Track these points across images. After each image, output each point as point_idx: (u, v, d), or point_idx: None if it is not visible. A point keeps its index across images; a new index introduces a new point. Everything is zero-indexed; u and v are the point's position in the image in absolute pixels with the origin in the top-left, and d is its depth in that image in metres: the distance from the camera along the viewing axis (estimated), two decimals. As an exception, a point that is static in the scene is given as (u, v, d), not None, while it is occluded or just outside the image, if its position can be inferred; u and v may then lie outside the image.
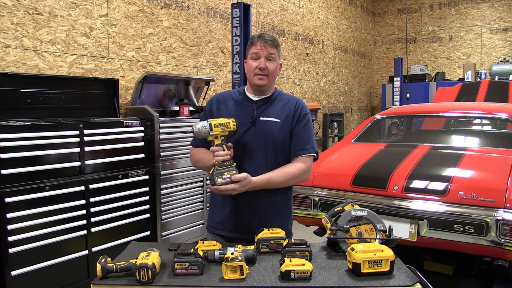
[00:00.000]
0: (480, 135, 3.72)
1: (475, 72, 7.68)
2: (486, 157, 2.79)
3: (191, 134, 1.64)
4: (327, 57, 7.50)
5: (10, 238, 2.39)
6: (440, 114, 3.62)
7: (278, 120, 1.76)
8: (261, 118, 1.76)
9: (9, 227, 2.39)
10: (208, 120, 1.61)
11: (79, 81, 3.24)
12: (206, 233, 2.00)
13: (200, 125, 1.60)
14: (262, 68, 1.72)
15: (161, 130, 3.39)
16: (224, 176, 1.57)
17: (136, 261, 1.31)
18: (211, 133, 1.59)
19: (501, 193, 2.23)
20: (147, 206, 3.22)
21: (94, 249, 2.82)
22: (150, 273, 1.28)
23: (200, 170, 3.72)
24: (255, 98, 1.80)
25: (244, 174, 1.60)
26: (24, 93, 2.82)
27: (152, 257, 1.32)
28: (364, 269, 1.31)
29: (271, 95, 1.82)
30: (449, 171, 2.53)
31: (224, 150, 1.60)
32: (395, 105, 7.26)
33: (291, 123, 1.77)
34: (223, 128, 1.61)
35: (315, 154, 1.80)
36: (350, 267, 1.34)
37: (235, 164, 1.62)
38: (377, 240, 1.52)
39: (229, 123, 1.63)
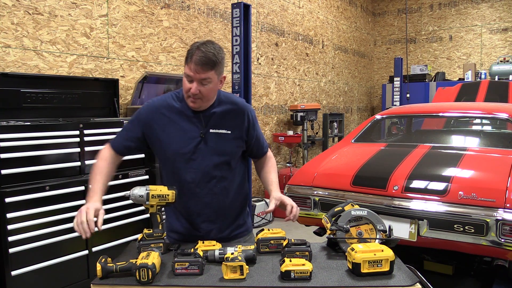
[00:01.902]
0: (480, 135, 3.72)
1: (475, 72, 7.68)
2: (486, 157, 2.79)
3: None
4: (327, 57, 7.50)
5: (10, 238, 2.39)
6: (440, 114, 3.62)
7: (229, 132, 1.66)
8: (211, 131, 1.64)
9: (9, 227, 2.39)
10: (147, 188, 1.51)
11: (79, 81, 3.24)
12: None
13: (137, 193, 1.51)
14: (194, 94, 1.55)
15: (161, 130, 3.38)
16: (150, 247, 1.48)
17: (136, 261, 1.31)
18: (147, 203, 1.53)
19: (501, 193, 2.23)
20: (147, 206, 3.21)
21: (94, 249, 2.82)
22: (150, 273, 1.28)
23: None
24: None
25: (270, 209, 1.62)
26: (24, 93, 2.82)
27: (152, 257, 1.32)
28: (364, 269, 1.31)
29: (214, 101, 1.68)
30: (449, 171, 2.52)
31: (158, 220, 1.55)
32: (395, 105, 7.26)
33: (245, 135, 1.71)
34: (160, 200, 1.53)
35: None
36: (350, 267, 1.34)
37: (164, 235, 1.56)
38: (377, 240, 1.52)
39: (168, 195, 1.54)
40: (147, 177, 3.20)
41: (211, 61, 1.52)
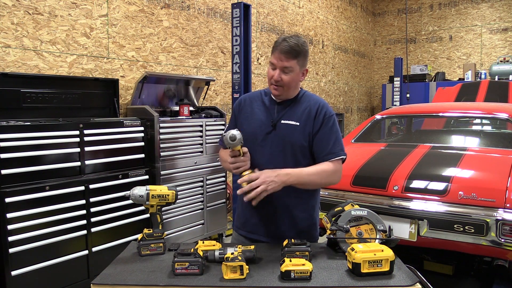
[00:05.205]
0: (480, 135, 3.73)
1: (475, 72, 7.68)
2: (486, 157, 2.79)
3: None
4: (327, 57, 7.50)
5: (10, 238, 2.39)
6: (440, 114, 3.62)
7: (298, 123, 1.71)
8: (282, 121, 1.73)
9: (9, 227, 2.39)
10: (147, 188, 1.56)
11: (79, 81, 3.24)
12: (206, 233, 2.01)
13: (137, 193, 1.55)
14: (276, 80, 1.67)
15: (161, 130, 3.38)
16: (150, 247, 1.53)
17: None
18: (147, 203, 1.55)
19: (501, 193, 2.23)
20: (147, 206, 3.21)
21: (94, 249, 2.82)
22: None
23: (200, 171, 3.73)
24: (278, 100, 1.77)
25: (257, 173, 1.57)
26: (24, 93, 2.82)
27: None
28: (364, 269, 1.31)
29: (295, 96, 1.77)
30: (449, 171, 2.53)
31: (158, 220, 1.58)
32: (395, 105, 7.26)
33: (311, 127, 1.72)
34: (160, 200, 1.56)
35: (344, 157, 1.75)
36: (350, 267, 1.34)
37: (164, 235, 1.58)
38: (377, 240, 1.52)
39: (168, 195, 1.57)
40: (147, 177, 3.20)
41: (294, 50, 1.64)
